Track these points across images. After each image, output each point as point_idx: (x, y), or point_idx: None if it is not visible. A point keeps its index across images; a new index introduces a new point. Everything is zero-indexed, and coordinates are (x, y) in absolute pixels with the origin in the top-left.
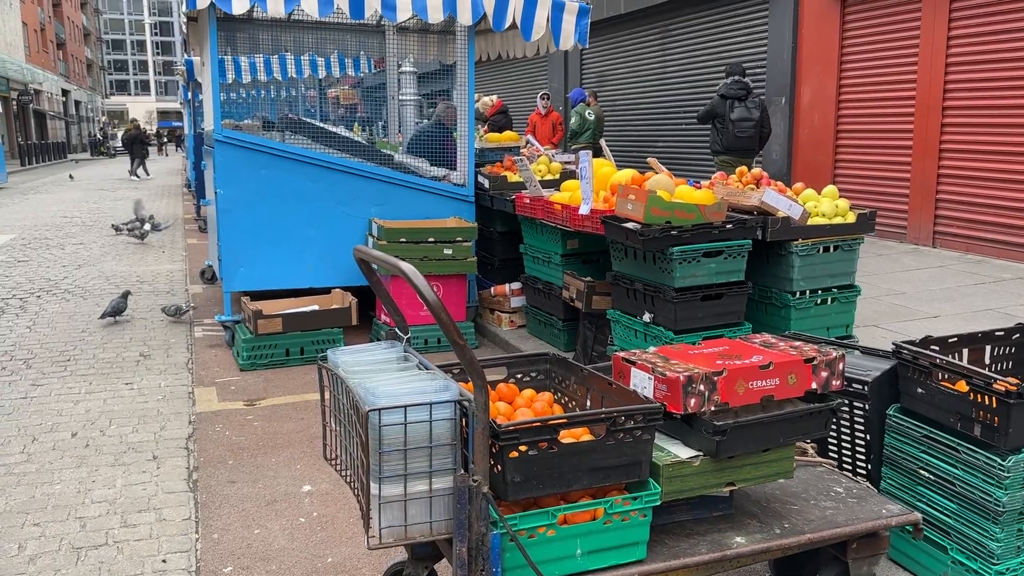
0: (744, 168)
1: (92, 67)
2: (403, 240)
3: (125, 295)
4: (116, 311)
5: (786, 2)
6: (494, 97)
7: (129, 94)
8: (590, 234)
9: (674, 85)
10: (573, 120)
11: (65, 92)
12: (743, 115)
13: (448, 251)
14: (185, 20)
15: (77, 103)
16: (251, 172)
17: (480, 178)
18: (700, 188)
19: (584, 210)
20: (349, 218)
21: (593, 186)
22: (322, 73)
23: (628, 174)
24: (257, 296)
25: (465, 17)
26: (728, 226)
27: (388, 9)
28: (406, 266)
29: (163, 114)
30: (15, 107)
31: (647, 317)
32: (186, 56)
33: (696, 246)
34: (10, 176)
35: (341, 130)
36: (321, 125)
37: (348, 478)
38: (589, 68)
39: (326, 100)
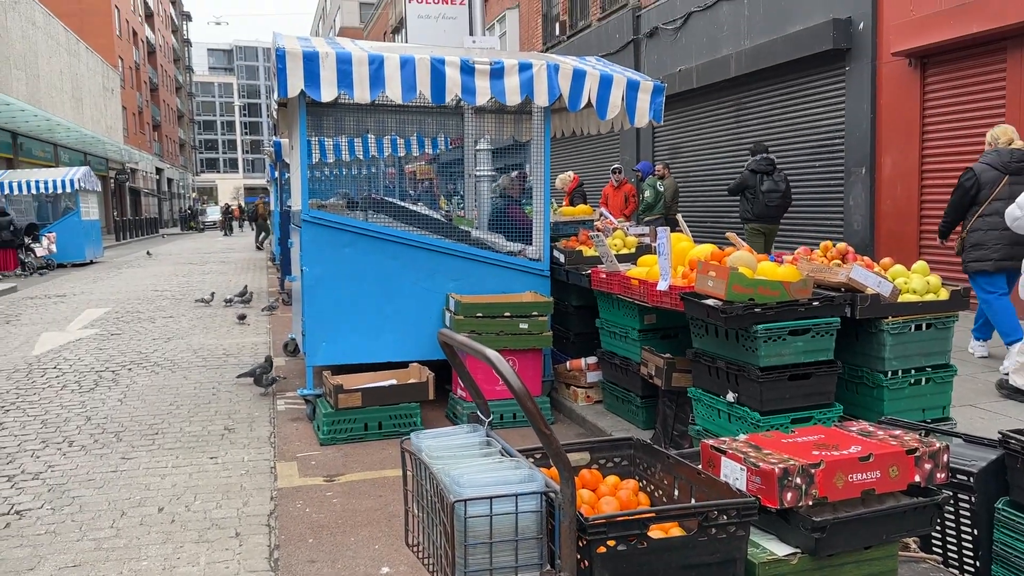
0: (828, 243)
1: (184, 146)
2: (479, 315)
3: (268, 359)
4: (253, 374)
5: (863, 72)
6: (570, 173)
7: (218, 171)
8: (668, 310)
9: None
10: (647, 193)
11: (159, 170)
12: (771, 187)
13: (524, 325)
14: (275, 106)
15: (170, 180)
16: (335, 250)
17: (555, 252)
18: (782, 263)
19: (662, 286)
20: (427, 293)
21: (671, 261)
22: (402, 152)
23: (707, 249)
24: (337, 370)
25: (542, 99)
26: (815, 303)
27: (468, 94)
28: (492, 354)
29: (250, 190)
30: (112, 185)
31: (731, 397)
32: (274, 138)
33: (782, 324)
34: (106, 251)
35: (421, 207)
36: (401, 204)
37: (431, 567)
38: (662, 141)
39: (404, 176)
